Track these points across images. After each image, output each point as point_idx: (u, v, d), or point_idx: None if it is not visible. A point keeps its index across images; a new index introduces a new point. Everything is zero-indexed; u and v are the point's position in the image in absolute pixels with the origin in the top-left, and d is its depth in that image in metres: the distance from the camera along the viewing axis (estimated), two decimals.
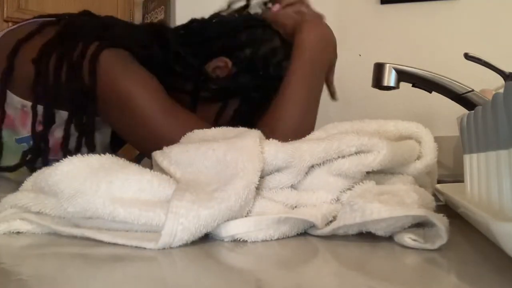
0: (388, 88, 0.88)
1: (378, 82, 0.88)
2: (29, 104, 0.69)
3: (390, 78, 0.87)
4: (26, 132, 0.70)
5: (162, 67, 0.73)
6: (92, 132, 0.69)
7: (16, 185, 0.49)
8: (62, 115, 0.69)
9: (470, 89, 0.85)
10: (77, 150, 0.68)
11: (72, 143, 0.68)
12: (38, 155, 0.69)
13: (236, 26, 0.77)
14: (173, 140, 0.55)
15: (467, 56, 0.87)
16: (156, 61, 0.72)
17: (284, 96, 0.70)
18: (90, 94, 0.65)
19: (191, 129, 0.57)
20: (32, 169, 0.60)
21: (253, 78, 0.76)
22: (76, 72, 0.65)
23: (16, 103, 0.69)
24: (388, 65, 0.87)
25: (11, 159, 0.72)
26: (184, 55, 0.75)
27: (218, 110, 0.77)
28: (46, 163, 0.66)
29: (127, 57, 0.69)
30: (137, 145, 0.73)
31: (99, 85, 0.66)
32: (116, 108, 0.67)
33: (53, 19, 0.73)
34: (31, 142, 0.70)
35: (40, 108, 0.68)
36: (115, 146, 0.84)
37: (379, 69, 0.88)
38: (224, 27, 0.78)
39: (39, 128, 0.68)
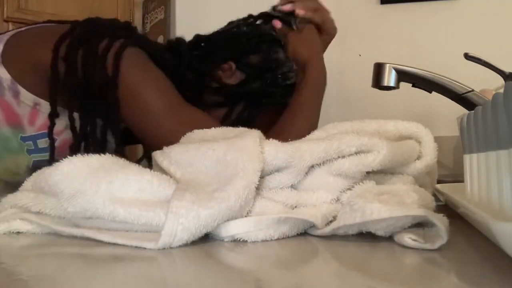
0: (388, 88, 0.89)
1: (378, 82, 0.88)
2: (42, 101, 0.70)
3: (390, 78, 0.88)
4: (33, 130, 0.71)
5: (175, 73, 0.77)
6: (117, 121, 0.71)
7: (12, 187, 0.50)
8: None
9: (470, 89, 0.85)
10: (103, 141, 0.70)
11: (98, 133, 0.71)
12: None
13: (245, 36, 0.82)
14: (179, 137, 0.56)
15: (467, 56, 0.87)
16: (168, 65, 0.76)
17: (298, 112, 0.75)
18: (111, 84, 0.68)
19: (197, 127, 0.59)
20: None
21: (261, 85, 0.80)
22: (101, 65, 0.68)
23: (28, 100, 0.70)
24: (388, 65, 0.88)
25: (12, 159, 0.72)
26: (194, 63, 0.79)
27: (224, 115, 0.80)
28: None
29: (145, 57, 0.73)
30: (146, 141, 0.74)
31: (118, 78, 0.68)
32: (130, 102, 0.69)
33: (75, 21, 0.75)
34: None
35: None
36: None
37: (379, 69, 0.88)
38: (232, 37, 0.82)
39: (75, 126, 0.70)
